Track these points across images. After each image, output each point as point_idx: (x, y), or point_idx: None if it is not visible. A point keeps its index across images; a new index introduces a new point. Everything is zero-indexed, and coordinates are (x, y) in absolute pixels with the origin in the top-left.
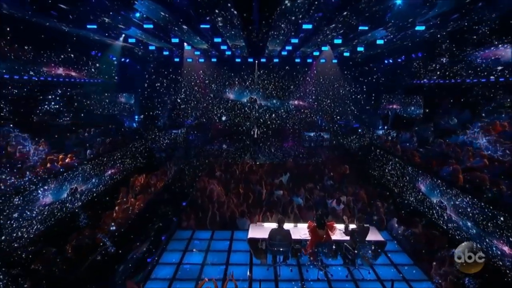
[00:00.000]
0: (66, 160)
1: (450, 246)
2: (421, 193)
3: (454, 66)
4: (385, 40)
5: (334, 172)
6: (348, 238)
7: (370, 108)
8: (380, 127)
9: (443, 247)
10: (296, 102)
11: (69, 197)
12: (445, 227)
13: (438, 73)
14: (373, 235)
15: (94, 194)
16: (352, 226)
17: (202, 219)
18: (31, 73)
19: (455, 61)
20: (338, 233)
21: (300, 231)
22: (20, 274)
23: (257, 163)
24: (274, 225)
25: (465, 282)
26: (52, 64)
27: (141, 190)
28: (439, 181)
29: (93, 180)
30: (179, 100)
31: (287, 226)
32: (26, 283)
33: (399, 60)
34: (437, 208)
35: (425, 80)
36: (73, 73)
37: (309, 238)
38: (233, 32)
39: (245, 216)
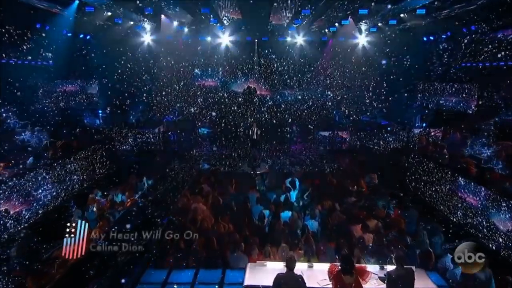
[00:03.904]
0: None
1: None
2: (479, 216)
3: None
4: (428, 9)
5: (357, 185)
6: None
7: (403, 100)
8: (417, 124)
9: None
10: (307, 92)
11: None
12: None
13: (501, 53)
14: (421, 281)
15: (36, 219)
16: (389, 268)
17: (182, 252)
18: None
19: None
20: (372, 278)
21: (317, 275)
22: None
23: (258, 172)
24: (280, 266)
25: None
26: None
27: (101, 214)
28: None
29: (37, 197)
30: (156, 90)
31: (299, 267)
32: None
33: (444, 36)
34: (505, 240)
35: (480, 62)
36: (8, 52)
37: (331, 287)
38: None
39: (240, 249)
